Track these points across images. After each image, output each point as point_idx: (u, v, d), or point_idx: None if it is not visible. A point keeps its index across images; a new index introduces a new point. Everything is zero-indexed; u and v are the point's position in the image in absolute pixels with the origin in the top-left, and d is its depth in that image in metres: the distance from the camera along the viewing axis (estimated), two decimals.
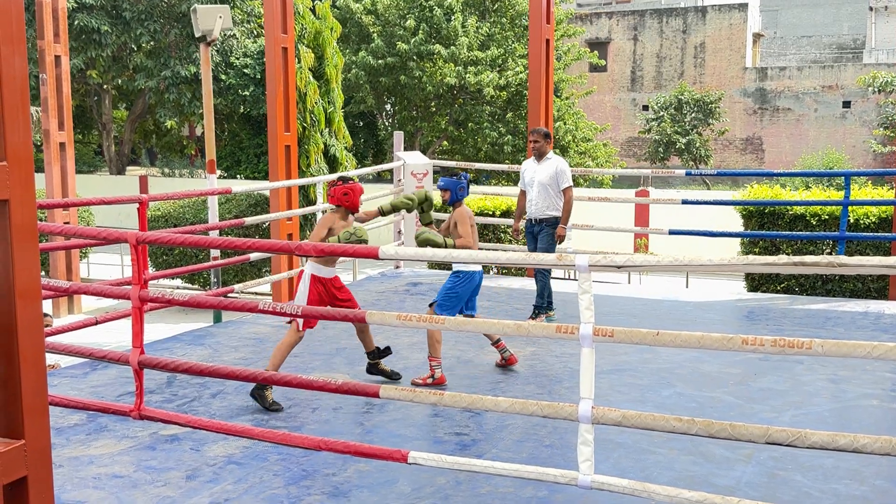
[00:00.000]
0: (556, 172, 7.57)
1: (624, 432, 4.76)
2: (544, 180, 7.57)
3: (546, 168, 7.62)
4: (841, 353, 3.09)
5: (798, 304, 8.69)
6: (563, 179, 7.58)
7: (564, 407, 3.55)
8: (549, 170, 7.59)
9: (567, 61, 28.80)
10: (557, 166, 7.60)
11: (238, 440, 4.82)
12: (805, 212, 9.96)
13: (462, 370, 6.31)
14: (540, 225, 7.65)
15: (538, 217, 7.64)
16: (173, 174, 33.29)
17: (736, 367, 6.25)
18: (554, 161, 7.65)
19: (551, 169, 7.59)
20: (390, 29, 27.33)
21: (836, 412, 5.34)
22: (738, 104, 39.52)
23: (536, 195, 7.60)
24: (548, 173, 7.58)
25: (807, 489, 4.20)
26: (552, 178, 7.56)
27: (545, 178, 7.57)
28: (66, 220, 14.08)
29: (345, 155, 17.27)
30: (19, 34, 2.14)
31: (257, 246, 4.37)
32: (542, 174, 7.59)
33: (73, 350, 4.85)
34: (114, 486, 4.31)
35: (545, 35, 11.05)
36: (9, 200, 2.13)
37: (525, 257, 3.67)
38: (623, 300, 8.89)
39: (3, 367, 2.16)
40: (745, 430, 3.21)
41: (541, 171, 7.61)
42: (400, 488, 4.27)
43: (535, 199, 7.62)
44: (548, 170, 7.60)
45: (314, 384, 4.27)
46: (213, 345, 7.18)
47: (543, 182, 7.56)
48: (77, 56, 23.26)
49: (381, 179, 29.38)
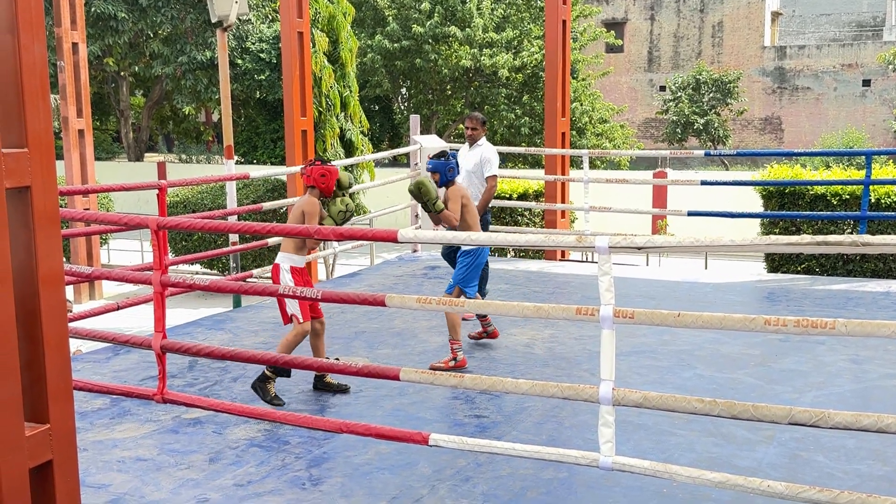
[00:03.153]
0: (481, 160, 7.36)
1: (644, 414, 4.75)
2: (470, 168, 7.31)
3: (473, 155, 7.40)
4: (864, 333, 3.06)
5: (819, 285, 8.62)
6: (488, 167, 7.37)
7: (585, 389, 3.54)
8: (475, 157, 7.38)
9: (583, 42, 28.61)
10: (482, 154, 7.40)
11: (260, 423, 4.85)
12: (826, 191, 9.87)
13: (481, 353, 6.32)
14: None
15: None
16: (191, 160, 33.42)
17: (756, 348, 6.22)
18: (482, 148, 7.45)
19: (477, 156, 7.39)
20: (405, 12, 27.23)
21: (859, 393, 5.31)
22: (757, 84, 39.15)
23: (464, 182, 7.24)
24: (474, 161, 7.36)
25: (829, 470, 4.18)
26: (477, 165, 7.36)
27: (471, 166, 7.32)
28: (87, 206, 14.18)
29: (360, 139, 17.26)
30: (38, 21, 2.14)
31: (278, 230, 4.38)
32: (469, 161, 7.33)
33: (96, 335, 4.89)
34: (138, 469, 4.36)
35: (561, 16, 10.98)
36: (31, 187, 2.14)
37: (544, 239, 3.65)
38: (641, 282, 8.86)
39: (27, 353, 2.18)
40: (768, 410, 3.19)
41: (468, 157, 7.36)
42: (421, 470, 4.29)
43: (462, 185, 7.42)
44: (474, 157, 7.38)
45: (334, 367, 4.29)
46: (233, 329, 7.22)
47: (469, 169, 7.29)
48: (94, 43, 23.35)
49: (396, 163, 29.34)
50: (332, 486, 4.13)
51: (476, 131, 7.47)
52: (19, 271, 2.14)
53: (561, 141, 11.22)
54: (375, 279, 9.14)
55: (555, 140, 11.15)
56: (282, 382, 5.65)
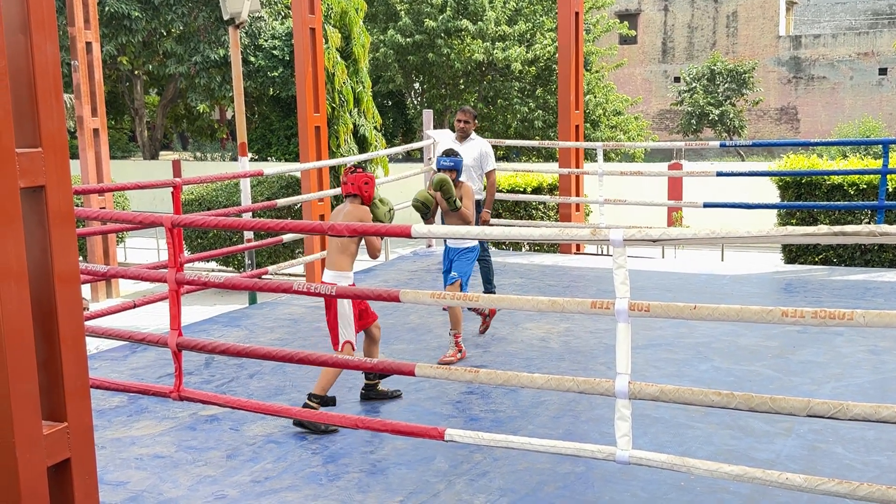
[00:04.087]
0: (480, 154, 7.35)
1: (661, 407, 4.73)
2: (469, 162, 7.24)
3: (471, 149, 7.35)
4: (883, 324, 3.03)
5: (836, 276, 8.56)
6: (488, 162, 7.38)
7: (601, 382, 3.53)
8: (474, 152, 7.35)
9: (596, 34, 28.47)
10: (482, 148, 7.39)
11: (276, 420, 4.86)
12: (843, 181, 9.77)
13: (497, 347, 6.31)
14: None
15: None
16: (205, 158, 33.56)
17: (774, 340, 6.18)
18: (478, 142, 7.45)
19: (476, 151, 7.36)
20: (417, 6, 27.19)
21: (878, 384, 5.27)
22: (772, 73, 38.86)
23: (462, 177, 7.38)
24: (472, 155, 7.32)
25: (849, 461, 4.15)
26: (477, 160, 7.34)
27: (470, 161, 7.26)
28: (102, 205, 14.24)
29: (374, 134, 17.26)
30: (50, 21, 2.15)
31: (290, 227, 4.39)
32: (466, 156, 7.21)
33: (112, 333, 4.92)
34: (156, 466, 4.38)
35: (574, 7, 10.92)
36: (45, 186, 2.15)
37: (558, 233, 3.64)
38: (658, 275, 8.82)
39: (44, 351, 2.19)
40: (786, 402, 3.17)
41: (465, 152, 7.22)
42: (437, 465, 4.29)
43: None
44: (472, 151, 7.34)
45: (350, 363, 4.29)
46: (248, 326, 7.25)
47: (468, 164, 7.22)
48: (108, 42, 23.46)
49: (410, 158, 29.35)
50: (348, 481, 4.14)
51: (469, 125, 7.46)
52: (35, 270, 2.15)
53: (575, 134, 11.18)
54: (390, 274, 9.14)
55: (568, 133, 11.11)
56: (300, 379, 5.67)
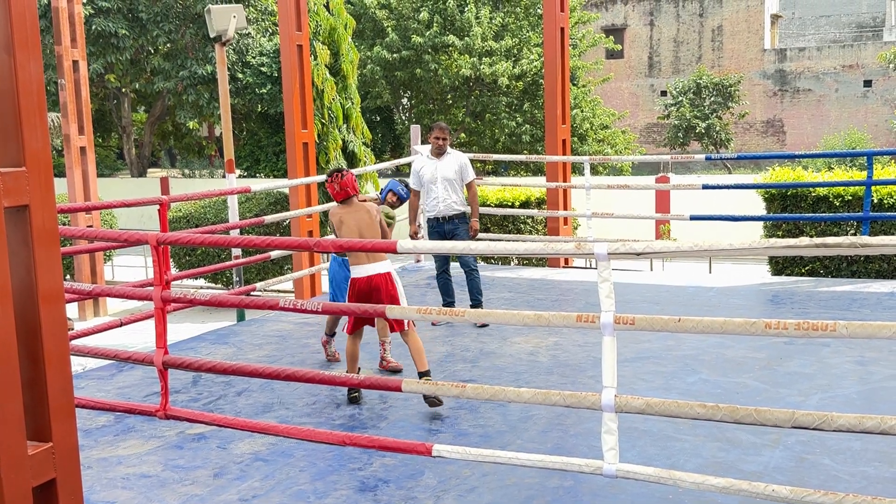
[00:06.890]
0: (460, 167, 7.49)
1: (648, 420, 4.74)
2: (449, 175, 7.42)
3: (449, 163, 7.49)
4: (866, 335, 3.05)
5: (823, 287, 8.60)
6: (468, 173, 7.53)
7: (587, 396, 3.54)
8: (454, 165, 7.48)
9: (583, 48, 28.68)
10: (460, 161, 7.53)
11: (264, 437, 4.84)
12: (828, 193, 9.85)
13: (485, 361, 6.31)
14: (452, 222, 7.46)
15: (448, 214, 7.44)
16: (193, 175, 33.54)
17: (761, 351, 6.20)
18: (455, 155, 7.58)
19: (455, 164, 7.49)
20: (404, 22, 27.32)
21: (865, 394, 5.29)
22: (758, 86, 39.16)
23: (443, 191, 7.40)
24: (452, 168, 7.46)
25: (835, 472, 4.17)
26: (457, 172, 7.46)
27: (450, 174, 7.42)
28: (90, 223, 14.21)
29: (363, 150, 17.30)
30: (34, 40, 2.15)
31: (277, 244, 4.39)
32: (447, 170, 7.43)
33: (99, 352, 4.90)
34: (142, 485, 4.36)
35: (560, 23, 11.00)
36: (29, 205, 2.15)
37: (543, 247, 3.66)
38: (645, 287, 8.85)
39: (29, 371, 2.18)
40: (771, 414, 3.18)
41: (444, 166, 7.43)
42: (426, 481, 4.28)
43: (442, 195, 7.42)
44: (452, 165, 7.48)
45: (336, 380, 4.29)
46: (236, 343, 7.23)
47: (449, 177, 7.40)
48: (95, 61, 23.46)
49: (399, 173, 29.39)
50: (336, 499, 4.13)
51: (446, 141, 7.59)
52: (19, 289, 2.15)
53: (562, 148, 11.24)
54: None
55: (556, 147, 11.16)
56: (288, 396, 5.66)
